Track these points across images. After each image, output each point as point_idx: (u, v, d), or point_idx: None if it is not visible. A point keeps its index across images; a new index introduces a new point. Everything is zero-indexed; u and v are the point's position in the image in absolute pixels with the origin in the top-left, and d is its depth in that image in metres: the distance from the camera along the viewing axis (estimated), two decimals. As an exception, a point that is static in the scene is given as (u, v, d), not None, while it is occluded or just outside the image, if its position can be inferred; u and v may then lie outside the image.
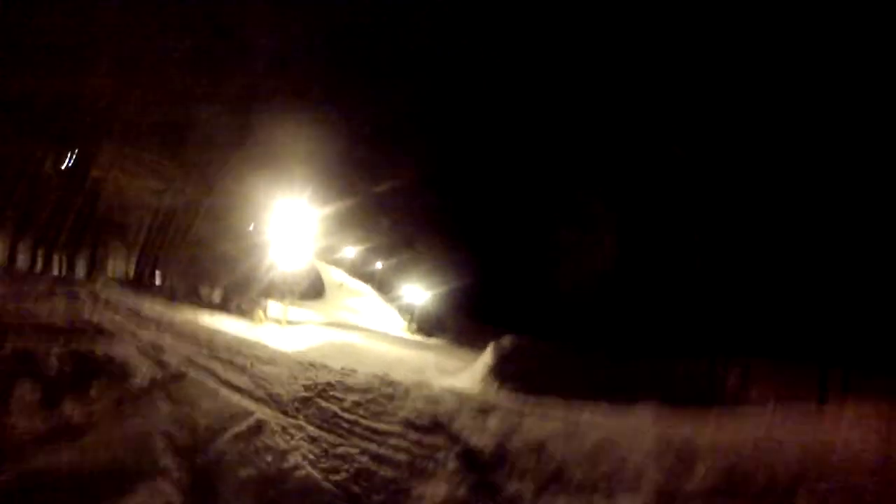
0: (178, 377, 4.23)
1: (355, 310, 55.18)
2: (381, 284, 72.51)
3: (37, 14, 16.50)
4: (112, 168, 21.26)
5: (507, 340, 19.88)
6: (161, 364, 4.42)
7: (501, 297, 66.81)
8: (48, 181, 19.99)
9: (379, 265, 74.26)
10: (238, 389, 4.86)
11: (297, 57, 28.82)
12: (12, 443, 2.84)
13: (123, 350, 4.38)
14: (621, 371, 18.87)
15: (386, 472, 3.38)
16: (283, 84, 28.17)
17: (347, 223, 55.04)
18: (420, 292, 60.93)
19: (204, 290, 31.69)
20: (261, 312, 34.10)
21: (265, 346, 8.76)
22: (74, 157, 20.55)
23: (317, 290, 55.54)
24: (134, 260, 31.99)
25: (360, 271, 75.73)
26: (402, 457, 3.71)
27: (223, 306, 30.23)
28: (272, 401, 4.80)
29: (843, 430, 5.60)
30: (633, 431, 4.61)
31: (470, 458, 3.72)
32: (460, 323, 67.58)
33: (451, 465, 3.59)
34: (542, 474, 3.65)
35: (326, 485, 3.11)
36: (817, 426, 5.80)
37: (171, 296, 24.38)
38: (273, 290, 35.45)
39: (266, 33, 25.18)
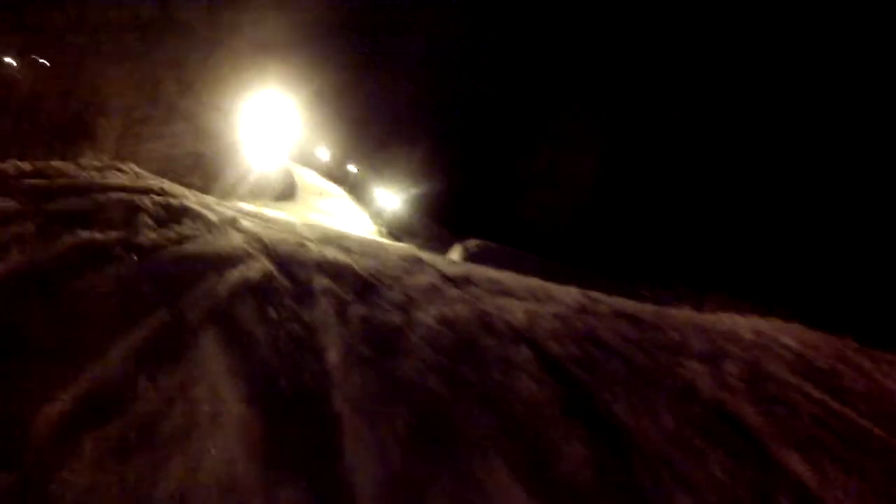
0: (233, 221, 5.61)
1: (328, 212, 56.08)
2: (354, 188, 73.19)
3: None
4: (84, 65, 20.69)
5: (472, 242, 21.14)
6: (219, 214, 5.81)
7: (472, 207, 68.71)
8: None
9: (353, 168, 74.71)
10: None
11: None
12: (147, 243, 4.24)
13: (188, 202, 5.77)
14: (576, 279, 20.28)
15: (388, 268, 4.96)
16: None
17: (325, 126, 55.69)
18: (392, 197, 62.01)
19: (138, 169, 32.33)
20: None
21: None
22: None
23: (290, 191, 56.41)
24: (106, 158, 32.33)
25: (333, 174, 76.16)
26: (398, 265, 5.32)
27: None
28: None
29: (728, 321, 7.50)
30: (563, 288, 6.34)
31: (444, 275, 5.29)
32: (430, 229, 69.25)
33: (434, 275, 5.14)
34: (495, 289, 5.24)
35: (361, 271, 4.63)
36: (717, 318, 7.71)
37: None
38: (246, 191, 36.20)
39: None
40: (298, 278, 3.85)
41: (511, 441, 2.52)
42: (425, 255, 6.83)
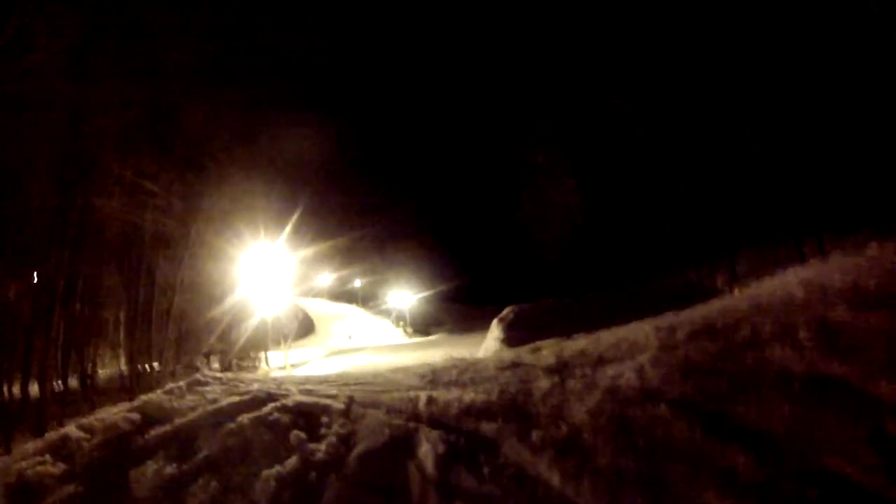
0: (352, 400, 6.17)
1: (348, 333, 56.37)
2: (365, 299, 74.05)
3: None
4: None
5: (507, 312, 21.31)
6: (333, 396, 6.38)
7: (485, 277, 69.23)
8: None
9: (358, 282, 75.46)
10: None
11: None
12: (327, 458, 4.84)
13: (297, 398, 6.31)
14: (614, 302, 20.51)
15: (511, 388, 5.58)
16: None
17: (324, 256, 56.77)
18: (406, 295, 62.58)
19: (201, 363, 32.27)
20: (263, 365, 35.43)
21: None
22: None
23: (308, 326, 56.89)
24: (122, 353, 32.56)
25: (338, 293, 76.92)
26: (510, 377, 5.98)
27: (225, 371, 30.06)
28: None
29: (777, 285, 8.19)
30: (634, 330, 7.00)
31: (546, 370, 5.99)
32: (452, 313, 69.56)
33: (541, 374, 5.85)
34: (591, 361, 6.00)
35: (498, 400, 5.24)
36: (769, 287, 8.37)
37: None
38: (266, 341, 36.67)
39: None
40: (470, 432, 4.48)
41: (705, 474, 3.22)
42: (510, 356, 7.53)
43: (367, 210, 70.93)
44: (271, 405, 5.48)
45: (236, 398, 5.85)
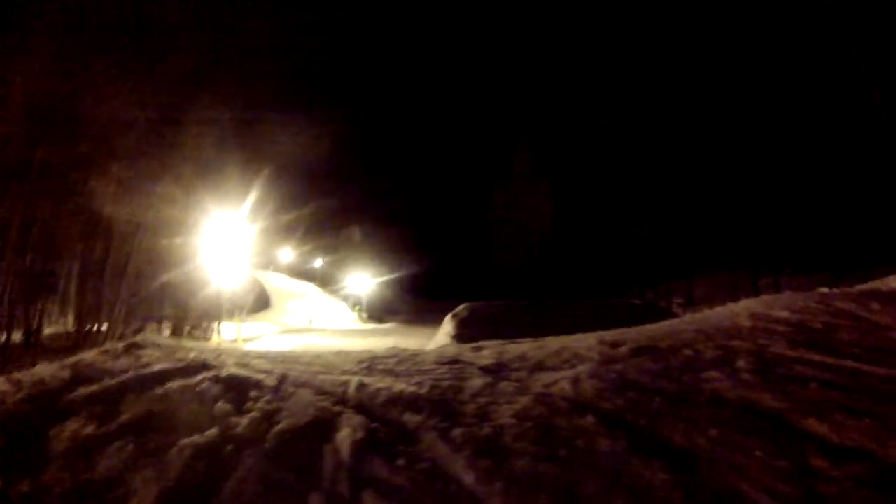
0: (285, 378, 6.13)
1: (303, 312, 56.18)
2: (324, 280, 73.67)
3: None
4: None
5: (461, 309, 21.47)
6: (269, 372, 6.31)
7: (446, 272, 69.54)
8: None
9: (319, 262, 75.01)
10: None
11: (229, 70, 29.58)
12: (248, 434, 4.77)
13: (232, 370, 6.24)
14: (570, 311, 20.72)
15: (444, 383, 5.56)
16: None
17: (284, 227, 56.20)
18: (365, 281, 62.57)
19: (151, 327, 31.84)
20: (215, 336, 35.09)
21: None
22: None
23: (263, 301, 56.47)
24: (71, 311, 31.78)
25: (298, 271, 76.45)
26: (446, 373, 5.96)
27: (178, 339, 29.87)
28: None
29: (726, 314, 8.40)
30: (580, 340, 7.07)
31: (485, 370, 5.98)
32: (409, 303, 69.78)
33: (476, 373, 5.84)
34: (530, 366, 6.02)
35: (427, 395, 5.21)
36: (717, 315, 8.61)
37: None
38: (221, 311, 36.30)
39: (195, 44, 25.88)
40: (392, 422, 4.44)
41: (621, 490, 3.26)
42: (451, 352, 7.53)
43: (336, 187, 70.39)
44: (203, 374, 5.38)
45: (170, 364, 5.73)
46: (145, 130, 24.94)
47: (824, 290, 9.80)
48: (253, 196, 33.80)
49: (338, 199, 68.32)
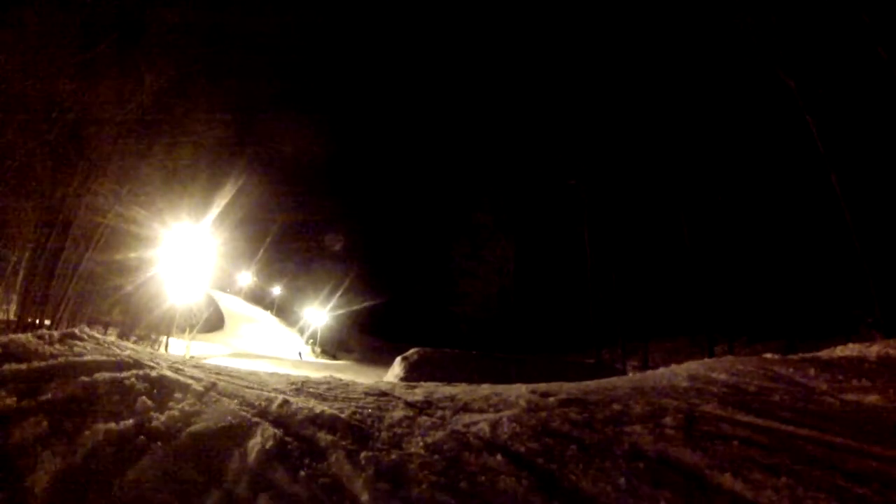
0: (214, 387, 6.18)
1: (256, 338, 55.43)
2: (281, 309, 72.97)
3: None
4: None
5: (412, 353, 21.33)
6: (198, 379, 6.36)
7: (402, 315, 69.39)
8: None
9: (277, 290, 74.37)
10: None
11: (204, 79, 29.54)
12: (162, 428, 4.79)
13: (163, 372, 6.26)
14: (519, 364, 20.82)
15: (366, 410, 5.64)
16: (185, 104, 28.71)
17: (245, 251, 55.83)
18: (321, 314, 62.17)
19: (96, 330, 30.98)
20: (162, 349, 34.30)
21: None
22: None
23: (217, 321, 55.67)
24: (16, 301, 30.95)
25: (255, 297, 75.65)
26: (372, 403, 6.04)
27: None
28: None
29: (668, 374, 8.62)
30: (513, 389, 7.20)
31: (410, 405, 6.06)
32: (363, 342, 69.28)
33: (401, 406, 5.92)
34: (455, 406, 6.05)
35: (347, 419, 5.32)
36: (658, 374, 8.83)
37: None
38: (171, 325, 35.63)
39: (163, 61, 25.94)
40: (305, 438, 4.49)
41: None
42: (384, 386, 7.62)
43: (302, 206, 70.07)
44: (134, 371, 5.36)
45: (102, 357, 5.75)
46: (118, 131, 24.73)
47: (767, 355, 10.06)
48: (216, 208, 33.38)
49: (303, 218, 68.32)
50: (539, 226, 43.74)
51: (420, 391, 7.11)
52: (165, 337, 34.71)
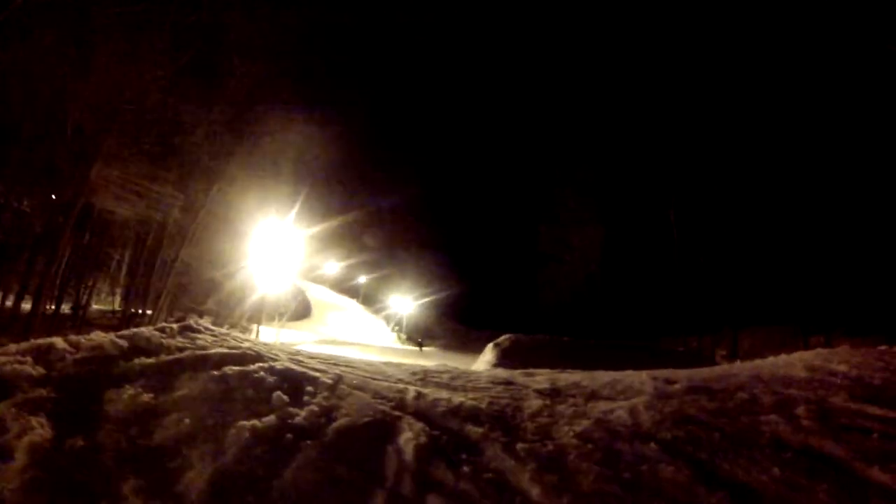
0: (341, 379, 6.09)
1: (343, 326, 56.25)
2: (366, 298, 73.81)
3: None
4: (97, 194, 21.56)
5: (504, 339, 21.28)
6: (323, 372, 6.31)
7: (487, 301, 69.07)
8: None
9: (362, 279, 75.20)
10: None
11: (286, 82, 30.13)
12: (305, 424, 4.77)
13: (287, 364, 6.26)
14: (611, 350, 20.38)
15: (502, 400, 5.48)
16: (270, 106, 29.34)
17: (331, 241, 56.62)
18: (406, 302, 62.58)
19: (192, 318, 32.19)
20: (254, 336, 35.26)
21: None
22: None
23: (305, 310, 56.83)
24: (119, 293, 32.54)
25: (343, 286, 76.74)
26: (502, 392, 5.88)
27: None
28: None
29: (780, 363, 8.17)
30: (630, 375, 6.92)
31: (538, 393, 5.89)
32: (448, 329, 69.33)
33: (533, 395, 5.76)
34: (585, 394, 5.95)
35: (487, 409, 5.16)
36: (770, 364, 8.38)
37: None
38: (262, 314, 36.65)
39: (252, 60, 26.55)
40: (454, 431, 4.41)
41: None
42: (503, 374, 7.43)
43: (382, 201, 70.94)
44: (259, 364, 5.40)
45: (225, 350, 5.76)
46: (206, 133, 25.48)
47: (883, 347, 9.46)
48: (300, 203, 34.10)
49: (388, 207, 69.14)
50: (626, 211, 42.68)
51: (542, 378, 6.99)
52: (256, 325, 35.67)
